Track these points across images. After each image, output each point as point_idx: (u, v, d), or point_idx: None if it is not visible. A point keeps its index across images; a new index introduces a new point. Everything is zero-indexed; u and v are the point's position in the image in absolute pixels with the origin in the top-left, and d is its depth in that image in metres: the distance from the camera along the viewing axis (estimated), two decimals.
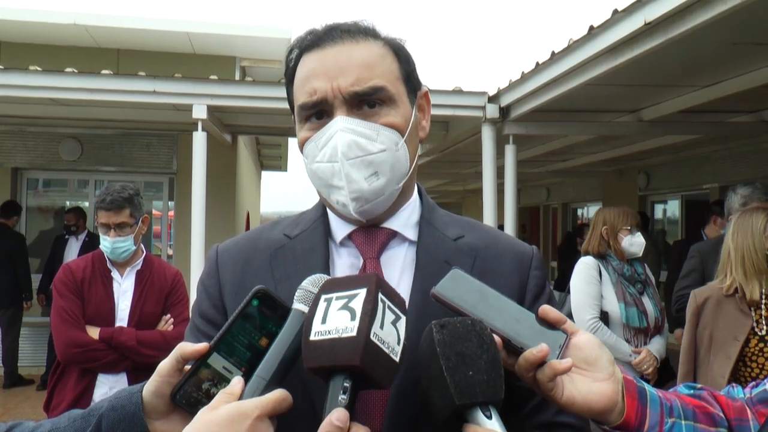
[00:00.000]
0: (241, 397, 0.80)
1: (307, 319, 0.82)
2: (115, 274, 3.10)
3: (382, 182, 1.00)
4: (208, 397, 0.84)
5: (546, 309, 0.93)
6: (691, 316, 2.87)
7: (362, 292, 0.80)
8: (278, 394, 0.79)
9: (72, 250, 7.48)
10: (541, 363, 0.86)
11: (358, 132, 0.98)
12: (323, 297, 0.83)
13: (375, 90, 0.99)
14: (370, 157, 0.98)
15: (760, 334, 2.67)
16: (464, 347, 0.80)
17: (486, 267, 1.04)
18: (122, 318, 3.03)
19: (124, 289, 3.09)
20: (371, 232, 1.06)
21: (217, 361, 0.87)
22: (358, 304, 0.79)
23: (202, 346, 0.87)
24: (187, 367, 0.88)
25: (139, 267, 3.12)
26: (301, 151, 1.05)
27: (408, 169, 1.04)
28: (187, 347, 0.87)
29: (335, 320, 0.78)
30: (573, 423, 1.01)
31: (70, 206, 8.97)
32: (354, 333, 0.76)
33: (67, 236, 7.56)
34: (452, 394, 0.77)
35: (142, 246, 3.20)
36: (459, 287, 0.91)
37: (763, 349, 2.66)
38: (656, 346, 3.61)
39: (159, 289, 3.10)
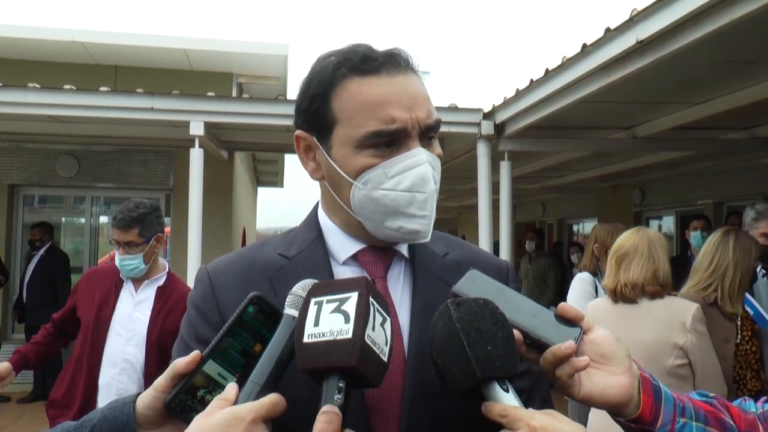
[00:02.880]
0: (235, 403, 0.81)
1: (299, 322, 0.83)
2: (128, 285, 3.09)
3: (434, 209, 1.05)
4: (203, 404, 0.85)
5: (564, 306, 0.96)
6: None
7: (354, 296, 0.82)
8: (272, 398, 0.81)
9: (32, 265, 7.50)
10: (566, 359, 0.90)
11: (433, 164, 1.02)
12: (313, 300, 0.84)
13: (438, 124, 1.04)
14: (436, 186, 1.03)
15: (735, 341, 2.94)
16: (481, 324, 0.83)
17: None
18: (135, 329, 3.00)
19: (139, 299, 3.06)
20: (380, 252, 1.08)
21: (212, 368, 0.88)
22: (350, 307, 0.81)
23: (194, 356, 0.88)
24: None
25: (160, 283, 3.10)
26: (350, 175, 1.01)
27: None
28: (179, 363, 0.87)
29: (329, 323, 0.80)
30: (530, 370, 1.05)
31: (65, 223, 8.96)
32: (349, 335, 0.78)
33: (33, 252, 7.55)
34: (474, 368, 0.81)
35: (164, 262, 3.19)
36: (477, 285, 0.94)
37: (745, 350, 2.95)
38: None
39: (181, 311, 2.98)
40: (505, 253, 5.72)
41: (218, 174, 7.78)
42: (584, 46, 4.00)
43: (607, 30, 3.70)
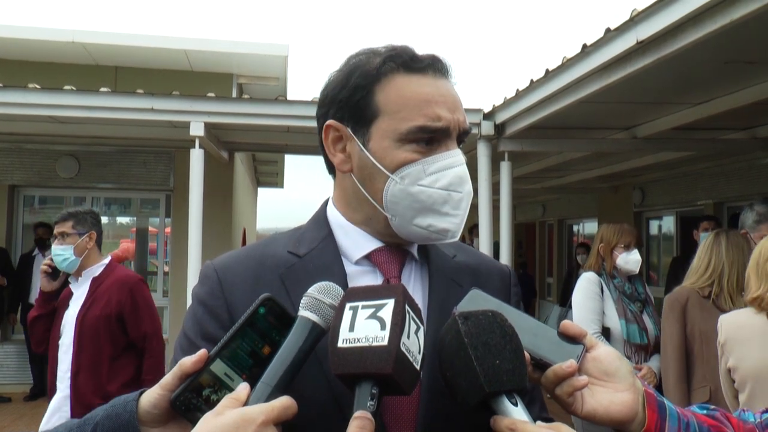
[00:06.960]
0: (246, 404, 0.80)
1: (333, 327, 0.83)
2: (73, 284, 3.33)
3: (467, 211, 1.07)
4: (208, 403, 0.84)
5: (567, 324, 0.97)
6: (678, 315, 3.11)
7: (390, 303, 0.82)
8: (284, 401, 0.79)
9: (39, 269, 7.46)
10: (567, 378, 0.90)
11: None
12: (348, 305, 0.84)
13: (469, 132, 1.09)
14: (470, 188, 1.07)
15: None
16: (489, 338, 0.83)
17: (481, 284, 1.07)
18: (68, 321, 3.21)
19: (77, 294, 3.28)
20: (395, 252, 1.08)
21: (219, 368, 0.87)
22: (387, 314, 0.81)
23: (200, 355, 0.86)
24: None
25: (96, 274, 3.30)
26: (388, 168, 1.01)
27: None
28: (186, 363, 0.87)
29: (364, 329, 0.80)
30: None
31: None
32: (385, 342, 0.78)
33: (34, 254, 7.50)
34: (482, 382, 0.81)
35: (104, 257, 3.39)
36: (479, 305, 0.94)
37: None
38: (656, 363, 3.59)
39: (109, 294, 3.24)
40: (505, 254, 5.72)
41: (218, 174, 7.78)
42: (584, 46, 4.00)
43: (608, 30, 3.70)
